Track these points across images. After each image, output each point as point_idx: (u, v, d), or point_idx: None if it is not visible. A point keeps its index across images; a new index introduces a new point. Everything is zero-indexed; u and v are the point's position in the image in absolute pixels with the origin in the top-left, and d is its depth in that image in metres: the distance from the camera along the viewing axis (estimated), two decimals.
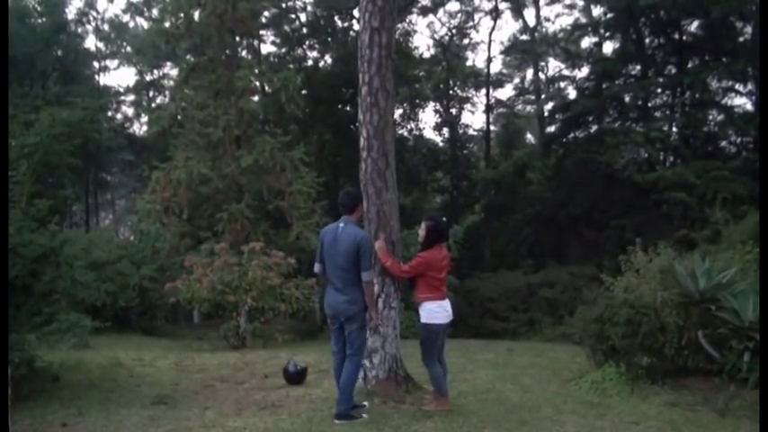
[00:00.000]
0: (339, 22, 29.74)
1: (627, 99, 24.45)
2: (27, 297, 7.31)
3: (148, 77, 37.52)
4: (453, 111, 35.02)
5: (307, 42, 30.79)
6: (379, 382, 6.54)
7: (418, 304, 6.19)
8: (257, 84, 20.58)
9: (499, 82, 36.59)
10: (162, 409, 6.52)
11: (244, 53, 22.04)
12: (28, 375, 6.91)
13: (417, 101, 33.63)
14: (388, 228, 6.61)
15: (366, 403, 5.89)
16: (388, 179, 6.67)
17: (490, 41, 44.62)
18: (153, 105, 33.94)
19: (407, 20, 30.39)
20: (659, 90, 24.09)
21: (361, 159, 6.75)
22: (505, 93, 49.32)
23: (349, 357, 5.89)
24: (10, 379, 6.65)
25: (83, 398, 6.98)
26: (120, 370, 8.90)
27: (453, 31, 33.70)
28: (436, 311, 6.12)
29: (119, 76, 77.09)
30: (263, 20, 27.81)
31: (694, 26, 23.63)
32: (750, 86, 22.31)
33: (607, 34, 26.06)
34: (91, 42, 35.72)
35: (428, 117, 76.92)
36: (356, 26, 27.55)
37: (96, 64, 36.31)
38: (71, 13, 30.83)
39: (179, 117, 20.38)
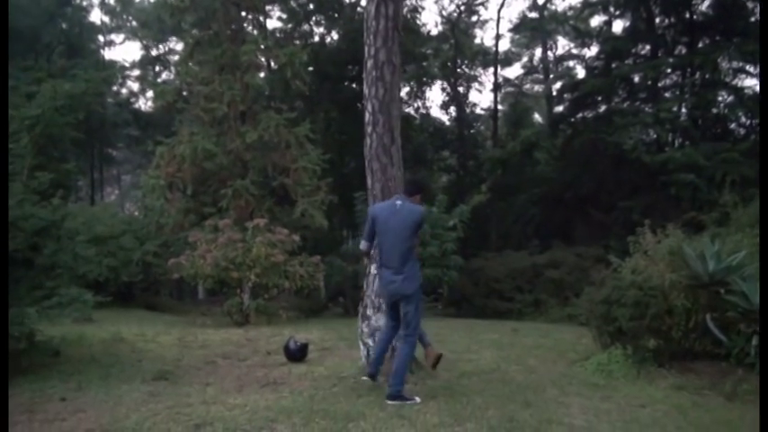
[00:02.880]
0: None
1: (636, 79, 24.17)
2: (27, 270, 7.26)
3: (154, 52, 37.28)
4: (461, 89, 34.72)
5: (313, 18, 30.46)
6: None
7: None
8: (263, 59, 20.35)
9: (507, 60, 36.27)
10: (163, 385, 6.46)
11: (250, 28, 21.74)
12: (28, 349, 6.87)
13: (424, 79, 33.30)
14: None
15: (418, 398, 5.71)
16: (394, 155, 6.55)
17: (499, 18, 44.39)
18: (159, 80, 33.74)
19: None
20: (669, 70, 23.77)
21: (365, 135, 6.62)
22: (514, 71, 48.80)
23: (404, 338, 5.85)
24: (10, 353, 6.62)
25: (83, 372, 6.94)
26: (122, 345, 8.87)
27: (462, 7, 33.27)
28: None
29: (124, 51, 76.94)
30: None
31: (705, 5, 23.31)
32: None
33: (617, 13, 25.75)
34: (96, 16, 35.52)
35: (435, 95, 76.39)
36: (363, 2, 27.27)
37: (101, 38, 36.10)
38: None
39: (184, 93, 20.21)
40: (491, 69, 34.15)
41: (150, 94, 32.08)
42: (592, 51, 28.90)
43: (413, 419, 5.08)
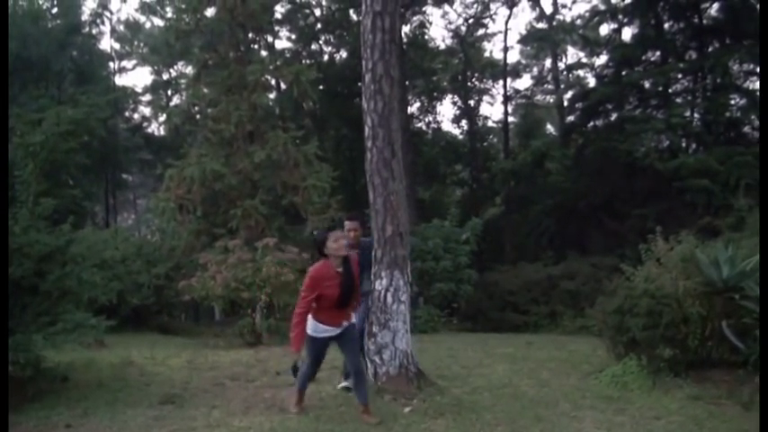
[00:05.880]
0: (354, 16, 29.51)
1: (647, 85, 23.96)
2: (33, 297, 7.20)
3: (165, 77, 37.61)
4: (471, 102, 34.65)
5: (322, 38, 30.63)
6: (389, 379, 6.37)
7: None
8: (270, 79, 20.40)
9: (517, 72, 36.19)
10: (169, 409, 6.39)
11: (257, 49, 21.84)
12: (34, 376, 6.80)
13: (435, 93, 33.36)
14: (395, 219, 6.41)
15: None
16: (395, 169, 6.48)
17: (506, 30, 44.18)
18: (170, 104, 34.03)
19: (423, 10, 30.02)
20: (680, 75, 23.57)
21: (366, 149, 6.56)
22: (524, 83, 48.89)
23: None
24: (16, 380, 6.57)
25: (90, 398, 6.87)
26: (131, 369, 8.79)
27: (469, 21, 33.24)
28: None
29: (136, 77, 77.83)
30: (279, 16, 27.71)
31: (714, 9, 23.16)
32: None
33: (626, 20, 25.58)
34: (107, 44, 35.94)
35: (446, 109, 76.51)
36: None
37: (112, 64, 36.48)
38: (85, 14, 30.85)
39: (198, 116, 20.28)
40: (501, 81, 34.11)
41: (162, 117, 32.37)
42: (601, 60, 28.75)
43: None
